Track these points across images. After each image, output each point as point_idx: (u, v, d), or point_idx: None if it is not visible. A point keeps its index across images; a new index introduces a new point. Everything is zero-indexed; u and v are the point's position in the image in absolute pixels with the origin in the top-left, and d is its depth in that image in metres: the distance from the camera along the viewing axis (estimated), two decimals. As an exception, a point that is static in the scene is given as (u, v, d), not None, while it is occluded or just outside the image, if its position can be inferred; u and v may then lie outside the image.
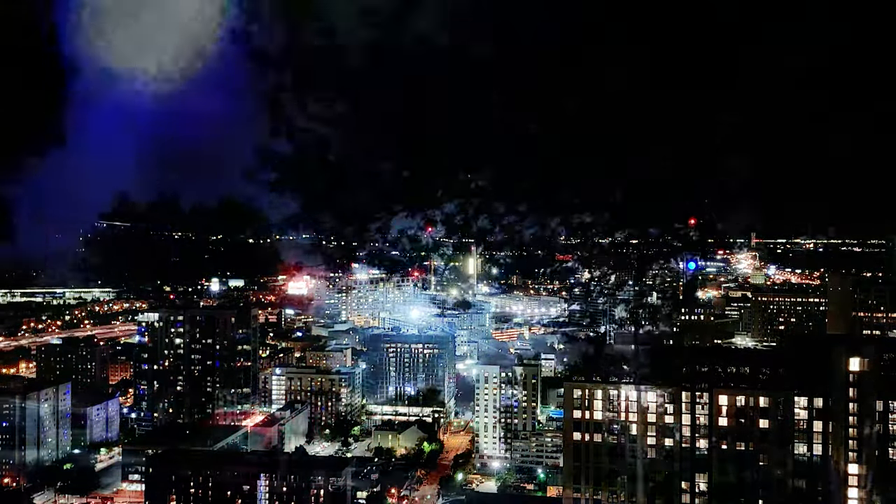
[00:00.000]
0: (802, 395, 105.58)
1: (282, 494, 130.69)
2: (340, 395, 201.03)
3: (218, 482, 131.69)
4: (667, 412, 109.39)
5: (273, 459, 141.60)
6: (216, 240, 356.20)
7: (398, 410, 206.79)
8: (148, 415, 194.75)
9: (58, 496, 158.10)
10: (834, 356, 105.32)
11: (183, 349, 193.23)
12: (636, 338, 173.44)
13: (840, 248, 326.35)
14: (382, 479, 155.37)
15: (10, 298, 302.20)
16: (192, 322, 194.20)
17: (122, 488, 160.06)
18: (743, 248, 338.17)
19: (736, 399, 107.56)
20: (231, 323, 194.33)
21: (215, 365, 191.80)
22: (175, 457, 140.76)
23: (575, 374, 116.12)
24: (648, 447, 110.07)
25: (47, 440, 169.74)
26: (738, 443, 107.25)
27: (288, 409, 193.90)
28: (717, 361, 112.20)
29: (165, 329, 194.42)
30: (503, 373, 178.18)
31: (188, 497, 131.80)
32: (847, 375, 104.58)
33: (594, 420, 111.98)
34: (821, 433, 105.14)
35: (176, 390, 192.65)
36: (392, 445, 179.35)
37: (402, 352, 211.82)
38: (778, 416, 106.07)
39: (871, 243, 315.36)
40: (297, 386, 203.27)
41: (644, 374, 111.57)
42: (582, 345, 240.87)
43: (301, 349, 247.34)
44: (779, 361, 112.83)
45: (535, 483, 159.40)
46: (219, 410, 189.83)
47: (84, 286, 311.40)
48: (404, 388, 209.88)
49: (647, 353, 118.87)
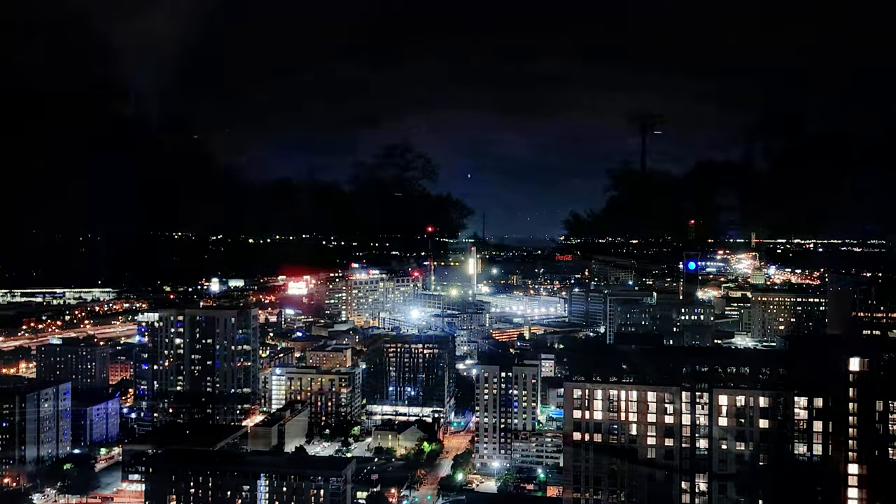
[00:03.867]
0: (802, 395, 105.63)
1: (282, 494, 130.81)
2: (340, 395, 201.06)
3: (218, 482, 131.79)
4: (667, 412, 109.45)
5: (273, 459, 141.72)
6: (216, 240, 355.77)
7: (398, 410, 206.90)
8: (148, 415, 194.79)
9: (58, 496, 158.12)
10: (834, 356, 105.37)
11: (183, 349, 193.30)
12: (636, 338, 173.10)
13: (840, 248, 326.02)
14: (382, 479, 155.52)
15: (10, 298, 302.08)
16: (192, 322, 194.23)
17: (122, 488, 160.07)
18: (743, 248, 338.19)
19: (736, 399, 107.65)
20: (231, 323, 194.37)
21: (215, 365, 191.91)
22: (175, 457, 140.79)
23: (575, 374, 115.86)
24: (648, 447, 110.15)
25: (47, 440, 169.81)
26: (738, 443, 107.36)
27: (288, 409, 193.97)
28: (717, 361, 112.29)
29: (165, 329, 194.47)
30: (503, 373, 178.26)
31: (188, 497, 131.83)
32: (847, 375, 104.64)
33: (594, 420, 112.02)
34: (821, 433, 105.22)
35: (176, 390, 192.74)
36: (392, 445, 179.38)
37: (402, 352, 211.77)
38: (778, 416, 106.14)
39: (871, 243, 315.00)
40: (297, 386, 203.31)
41: (644, 374, 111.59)
42: (582, 345, 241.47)
43: (301, 349, 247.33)
44: (779, 361, 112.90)
45: (535, 483, 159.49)
46: (218, 410, 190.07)
47: (84, 286, 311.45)
48: (404, 388, 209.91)
49: (647, 353, 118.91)
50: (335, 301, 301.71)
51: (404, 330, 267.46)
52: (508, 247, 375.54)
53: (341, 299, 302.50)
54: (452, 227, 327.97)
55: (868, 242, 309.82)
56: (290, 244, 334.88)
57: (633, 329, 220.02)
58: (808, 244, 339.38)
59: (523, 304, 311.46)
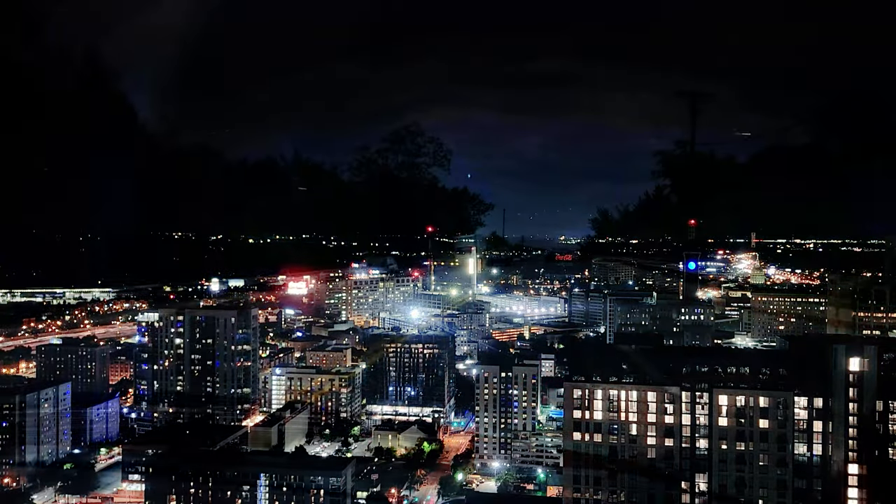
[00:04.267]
0: (802, 395, 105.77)
1: (282, 494, 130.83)
2: (340, 395, 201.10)
3: (218, 482, 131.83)
4: (667, 412, 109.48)
5: (273, 459, 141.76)
6: (216, 240, 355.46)
7: (398, 410, 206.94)
8: (148, 415, 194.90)
9: (58, 496, 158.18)
10: (834, 356, 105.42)
11: (183, 349, 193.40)
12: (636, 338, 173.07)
13: (840, 248, 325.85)
14: (382, 479, 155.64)
15: (11, 298, 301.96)
16: (192, 322, 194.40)
17: (122, 488, 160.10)
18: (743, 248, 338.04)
19: (736, 399, 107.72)
20: (231, 323, 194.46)
21: (215, 365, 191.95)
22: (175, 457, 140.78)
23: (575, 374, 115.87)
24: (648, 447, 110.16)
25: (47, 440, 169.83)
26: (738, 443, 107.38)
27: (288, 409, 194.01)
28: (717, 361, 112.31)
29: (165, 329, 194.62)
30: (503, 373, 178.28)
31: (188, 497, 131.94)
32: (847, 375, 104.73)
33: (594, 420, 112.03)
34: (821, 433, 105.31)
35: (176, 390, 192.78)
36: (392, 445, 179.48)
37: (402, 352, 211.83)
38: (778, 416, 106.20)
39: (871, 243, 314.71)
40: (297, 386, 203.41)
41: (644, 374, 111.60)
42: (582, 345, 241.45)
43: (301, 349, 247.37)
44: (779, 361, 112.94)
45: (535, 483, 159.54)
46: (218, 410, 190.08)
47: (84, 286, 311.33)
48: (404, 388, 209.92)
49: (647, 353, 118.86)
50: (335, 301, 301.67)
51: (404, 330, 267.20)
52: (529, 247, 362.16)
53: (341, 299, 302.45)
54: (468, 224, 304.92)
55: (868, 242, 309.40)
56: (290, 244, 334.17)
57: (633, 329, 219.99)
58: (808, 244, 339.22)
59: (523, 304, 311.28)
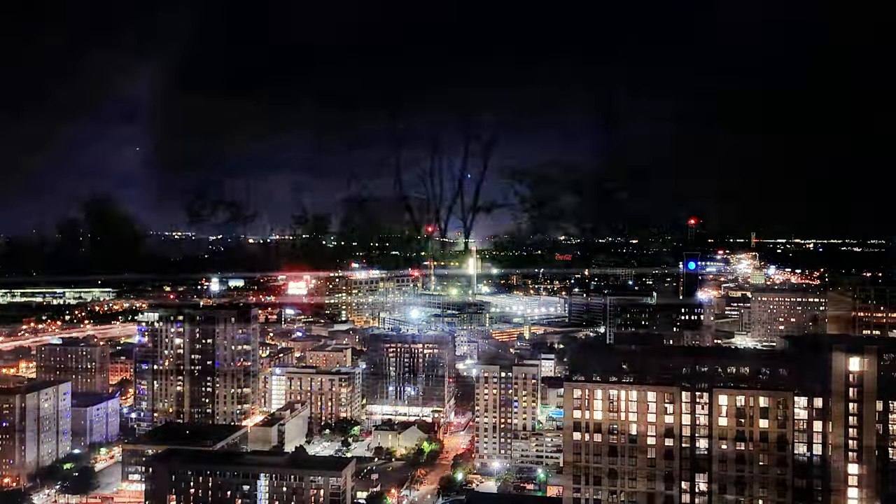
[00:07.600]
0: (802, 395, 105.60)
1: (282, 494, 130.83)
2: (340, 395, 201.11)
3: (218, 482, 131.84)
4: (667, 412, 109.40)
5: (273, 459, 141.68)
6: (216, 240, 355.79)
7: (398, 410, 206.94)
8: (148, 415, 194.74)
9: (58, 496, 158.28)
10: (834, 356, 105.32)
11: (183, 349, 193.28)
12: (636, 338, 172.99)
13: (840, 248, 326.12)
14: (382, 479, 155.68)
15: (11, 298, 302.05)
16: (192, 322, 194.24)
17: (122, 488, 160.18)
18: (743, 248, 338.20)
19: (736, 399, 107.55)
20: (231, 323, 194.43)
21: (215, 365, 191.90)
22: (175, 457, 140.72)
23: (575, 374, 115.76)
24: (648, 447, 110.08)
25: (47, 440, 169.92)
26: (738, 443, 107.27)
27: (288, 409, 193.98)
28: (717, 361, 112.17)
29: (165, 329, 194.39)
30: (503, 373, 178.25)
31: (188, 497, 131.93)
32: (847, 375, 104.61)
33: (594, 420, 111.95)
34: (821, 433, 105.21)
35: (176, 390, 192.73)
36: (392, 445, 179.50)
37: (402, 352, 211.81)
38: (778, 417, 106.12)
39: (871, 243, 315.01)
40: (297, 386, 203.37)
41: (644, 374, 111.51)
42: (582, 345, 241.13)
43: (301, 349, 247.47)
44: (779, 361, 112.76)
45: (535, 483, 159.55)
46: (218, 410, 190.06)
47: (84, 286, 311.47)
48: (404, 388, 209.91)
49: (647, 353, 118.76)
50: (335, 301, 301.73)
51: (404, 330, 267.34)
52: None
53: (341, 299, 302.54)
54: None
55: (868, 242, 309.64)
56: (290, 244, 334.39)
57: (633, 329, 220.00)
58: (808, 244, 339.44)
59: (523, 304, 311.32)
